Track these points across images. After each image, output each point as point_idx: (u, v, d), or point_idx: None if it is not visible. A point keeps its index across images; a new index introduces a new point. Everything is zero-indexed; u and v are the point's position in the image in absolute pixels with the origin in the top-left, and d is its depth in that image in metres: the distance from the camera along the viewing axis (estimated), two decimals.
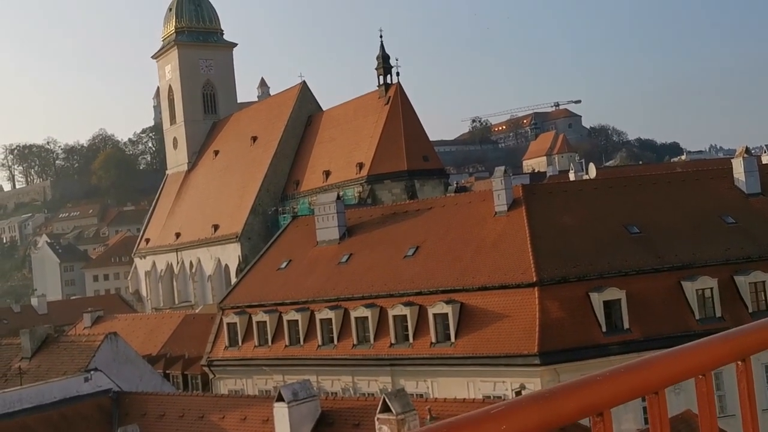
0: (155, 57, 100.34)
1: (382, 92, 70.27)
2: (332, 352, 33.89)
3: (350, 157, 69.87)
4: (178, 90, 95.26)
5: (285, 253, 41.23)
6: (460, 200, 38.30)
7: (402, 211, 39.20)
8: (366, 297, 33.79)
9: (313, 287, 36.74)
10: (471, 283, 31.06)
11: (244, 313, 37.79)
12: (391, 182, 66.09)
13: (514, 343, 28.64)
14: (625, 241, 31.49)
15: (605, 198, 34.30)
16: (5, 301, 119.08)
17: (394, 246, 36.26)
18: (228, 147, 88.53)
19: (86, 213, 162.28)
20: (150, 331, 48.92)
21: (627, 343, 28.24)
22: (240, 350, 37.34)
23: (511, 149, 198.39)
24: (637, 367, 1.51)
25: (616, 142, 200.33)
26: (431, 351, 30.72)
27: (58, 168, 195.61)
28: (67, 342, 30.42)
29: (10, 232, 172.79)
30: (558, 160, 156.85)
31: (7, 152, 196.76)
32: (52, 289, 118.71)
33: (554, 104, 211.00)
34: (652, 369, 1.53)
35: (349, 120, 73.20)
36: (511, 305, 29.62)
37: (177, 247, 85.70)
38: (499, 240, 32.40)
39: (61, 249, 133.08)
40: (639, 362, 1.51)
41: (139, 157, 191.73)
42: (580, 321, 28.67)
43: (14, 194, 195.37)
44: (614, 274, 29.76)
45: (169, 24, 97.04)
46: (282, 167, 77.38)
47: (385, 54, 69.87)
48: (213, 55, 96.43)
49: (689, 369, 1.62)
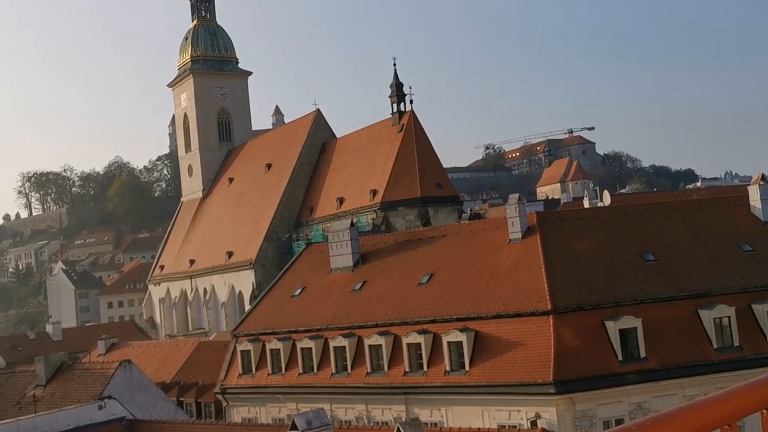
0: (171, 85, 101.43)
1: (395, 120, 70.58)
2: (346, 380, 33.71)
3: (364, 184, 70.07)
4: (194, 118, 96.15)
5: (299, 281, 41.22)
6: (475, 227, 38.21)
7: (416, 238, 39.16)
8: (380, 325, 33.66)
9: (326, 315, 36.66)
10: (485, 311, 30.88)
11: (258, 340, 37.72)
12: (405, 209, 66.15)
13: (529, 371, 28.39)
14: (640, 268, 31.27)
15: (620, 225, 34.15)
16: (20, 327, 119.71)
17: (408, 273, 36.17)
18: (242, 174, 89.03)
19: (101, 240, 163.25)
20: (164, 359, 48.89)
21: (644, 372, 27.94)
22: (254, 378, 37.22)
23: (525, 176, 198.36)
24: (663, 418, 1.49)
25: (630, 169, 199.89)
26: (445, 379, 30.50)
27: (74, 195, 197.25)
28: (81, 369, 30.45)
29: (26, 258, 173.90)
30: (572, 187, 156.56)
31: (24, 180, 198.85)
32: (67, 316, 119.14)
33: (568, 131, 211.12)
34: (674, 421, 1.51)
35: (363, 147, 73.51)
36: (526, 333, 29.41)
37: (191, 274, 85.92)
38: (513, 268, 32.26)
39: (77, 276, 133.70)
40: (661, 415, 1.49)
41: (155, 184, 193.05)
42: (595, 349, 28.40)
43: (31, 221, 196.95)
44: (630, 302, 29.51)
45: (185, 53, 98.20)
46: (296, 194, 77.68)
47: (398, 82, 70.30)
48: (228, 84, 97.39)
49: (714, 420, 1.59)
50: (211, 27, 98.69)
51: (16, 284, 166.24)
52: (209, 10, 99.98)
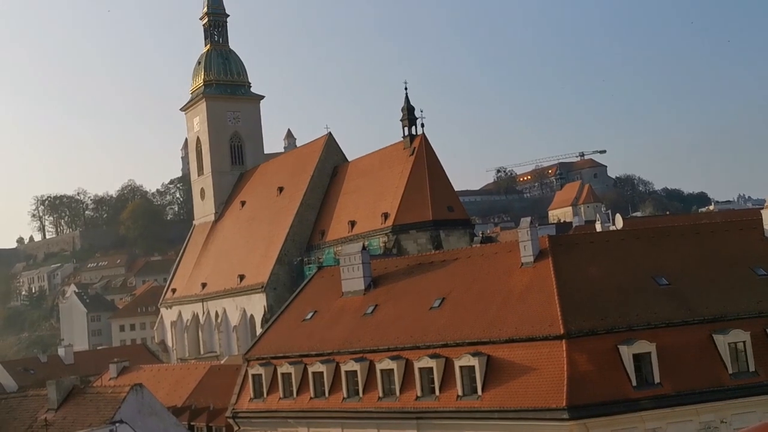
0: (184, 109, 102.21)
1: (407, 143, 70.75)
2: (357, 404, 33.53)
3: (375, 208, 70.11)
4: (206, 141, 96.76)
5: (310, 304, 41.17)
6: (486, 251, 38.11)
7: (428, 262, 39.10)
8: (391, 349, 33.54)
9: (338, 339, 36.56)
10: (498, 336, 30.73)
11: (270, 364, 37.64)
12: (417, 232, 66.07)
13: (542, 396, 28.17)
14: (654, 292, 31.08)
15: (633, 249, 34.00)
16: (33, 350, 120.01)
17: (419, 297, 36.09)
18: (254, 197, 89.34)
19: (114, 263, 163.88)
20: (175, 382, 48.81)
21: (658, 397, 27.67)
22: (265, 402, 37.10)
23: (537, 199, 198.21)
24: None
25: (642, 192, 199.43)
26: (458, 404, 30.30)
27: (87, 218, 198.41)
28: (92, 393, 30.41)
29: (39, 281, 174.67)
30: (584, 210, 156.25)
31: (38, 203, 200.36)
32: (79, 339, 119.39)
33: (579, 154, 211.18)
34: None
35: (375, 170, 73.66)
36: (539, 358, 29.22)
37: (203, 297, 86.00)
38: (526, 292, 32.13)
39: (89, 299, 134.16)
40: None
41: (167, 207, 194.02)
42: (609, 374, 28.16)
43: (44, 244, 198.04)
44: (643, 326, 29.30)
45: (197, 77, 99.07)
46: (308, 217, 77.80)
47: (410, 105, 70.52)
48: (240, 108, 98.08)
49: None
50: (223, 51, 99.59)
51: (29, 307, 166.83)
52: (222, 35, 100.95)
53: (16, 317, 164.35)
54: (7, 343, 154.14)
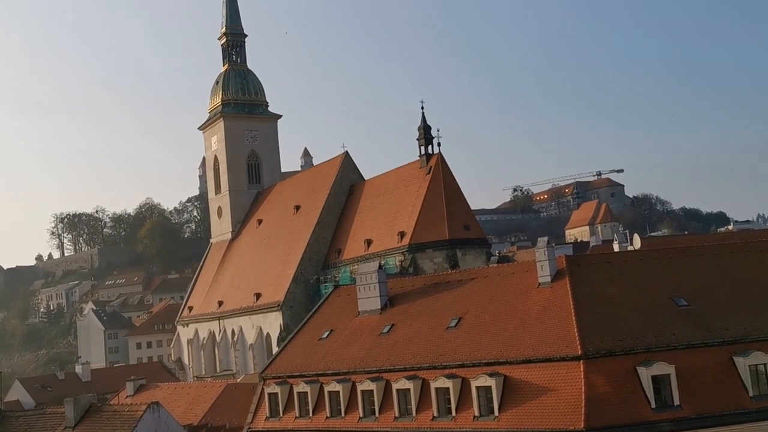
0: (202, 128, 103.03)
1: (423, 162, 70.85)
2: (373, 424, 33.36)
3: (392, 226, 70.13)
4: (224, 160, 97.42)
5: (326, 323, 41.13)
6: (503, 271, 37.94)
7: (444, 281, 38.98)
8: (408, 369, 33.39)
9: (354, 358, 36.47)
10: (515, 356, 30.54)
11: (285, 383, 37.58)
12: (433, 251, 65.97)
13: (559, 418, 27.91)
14: (672, 313, 30.80)
15: (651, 269, 33.73)
16: (50, 367, 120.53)
17: (436, 317, 35.96)
18: (271, 216, 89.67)
19: (131, 281, 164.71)
20: (192, 400, 48.86)
21: (678, 420, 27.32)
22: (281, 421, 36.99)
23: (553, 218, 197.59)
24: None
25: (660, 211, 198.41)
26: (474, 425, 30.08)
27: (105, 236, 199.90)
28: (109, 412, 30.54)
29: (57, 299, 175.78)
30: (601, 230, 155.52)
31: (57, 221, 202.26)
32: (96, 356, 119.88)
33: (596, 173, 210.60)
34: None
35: (391, 189, 73.76)
36: (556, 379, 28.99)
37: (219, 315, 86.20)
38: (543, 312, 31.94)
39: (106, 316, 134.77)
40: None
41: (184, 225, 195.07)
42: (627, 396, 27.87)
43: (63, 262, 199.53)
44: (662, 347, 29.01)
45: (215, 96, 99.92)
46: (324, 236, 77.94)
47: (426, 125, 70.69)
48: (258, 127, 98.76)
49: None
50: (241, 71, 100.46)
51: (47, 324, 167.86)
52: (240, 55, 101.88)
53: (35, 334, 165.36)
54: (25, 359, 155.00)
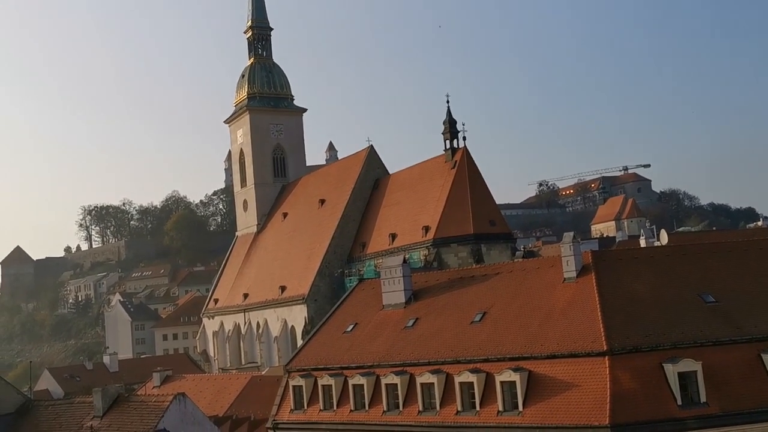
0: (228, 122, 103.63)
1: (448, 156, 70.69)
2: (397, 418, 33.43)
3: (416, 221, 70.10)
4: (249, 154, 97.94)
5: (351, 316, 41.25)
6: (528, 266, 37.76)
7: (469, 276, 38.90)
8: (432, 363, 33.41)
9: (378, 351, 36.55)
10: (539, 351, 30.43)
11: (310, 376, 37.77)
12: (458, 246, 65.89)
13: (584, 413, 27.79)
14: (700, 310, 30.49)
15: (678, 265, 33.39)
16: (79, 358, 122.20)
17: (460, 311, 35.92)
18: (296, 209, 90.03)
19: (158, 273, 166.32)
20: (217, 392, 49.26)
21: (704, 418, 27.06)
22: (305, 413, 37.20)
23: (579, 213, 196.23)
24: None
25: (688, 207, 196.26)
26: (498, 420, 30.02)
27: (132, 228, 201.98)
28: (137, 402, 30.85)
29: (85, 290, 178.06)
30: (627, 225, 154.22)
31: (85, 213, 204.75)
32: (123, 347, 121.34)
33: (623, 168, 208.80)
34: None
35: (416, 183, 73.71)
36: (581, 374, 28.85)
37: (245, 307, 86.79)
38: (568, 307, 31.79)
39: (133, 308, 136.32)
40: None
41: (210, 218, 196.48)
42: (653, 393, 27.66)
43: (90, 253, 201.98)
44: (689, 344, 28.72)
45: (241, 90, 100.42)
46: (349, 230, 78.13)
47: (451, 119, 70.51)
48: (283, 120, 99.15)
49: None
50: (267, 65, 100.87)
51: (76, 315, 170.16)
52: (266, 49, 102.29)
53: (63, 325, 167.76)
54: (54, 349, 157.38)
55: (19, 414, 32.35)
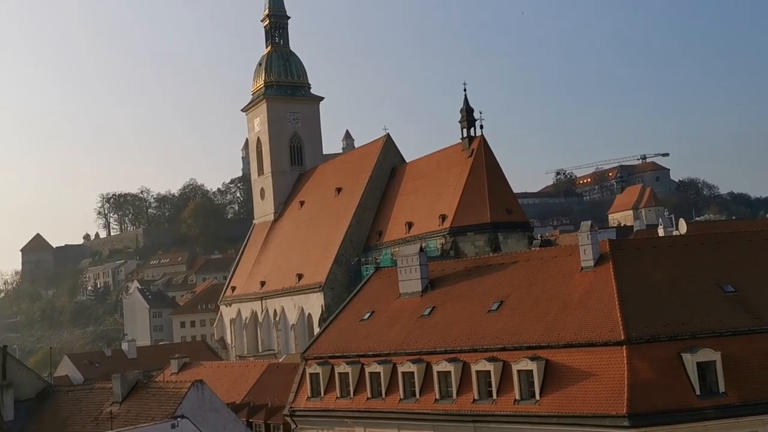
0: (245, 110, 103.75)
1: (465, 145, 70.40)
2: (414, 406, 33.55)
3: (433, 209, 69.97)
4: (266, 142, 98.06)
5: (368, 305, 41.34)
6: (545, 254, 37.66)
7: (485, 265, 38.84)
8: (449, 351, 33.46)
9: (395, 340, 36.63)
10: (556, 340, 30.40)
11: (327, 363, 37.92)
12: (474, 234, 65.70)
13: (601, 403, 27.75)
14: (719, 300, 30.30)
15: (697, 254, 33.17)
16: (98, 344, 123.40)
17: (477, 300, 35.90)
18: (313, 198, 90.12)
19: (175, 260, 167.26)
20: (234, 379, 49.54)
21: (723, 408, 26.95)
22: (322, 401, 37.39)
23: (596, 202, 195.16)
24: None
25: (707, 196, 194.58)
26: (515, 408, 30.05)
27: (150, 216, 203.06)
28: (155, 388, 31.10)
29: (104, 277, 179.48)
30: (645, 214, 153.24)
31: (103, 201, 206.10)
32: (141, 334, 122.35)
33: (641, 157, 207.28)
34: None
35: (433, 172, 73.51)
36: (598, 364, 28.80)
37: (262, 295, 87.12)
38: (585, 296, 31.69)
39: (151, 295, 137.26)
40: None
41: (227, 206, 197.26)
42: (671, 383, 27.54)
43: (109, 241, 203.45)
44: (708, 334, 28.58)
45: (258, 78, 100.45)
46: (365, 218, 78.11)
47: (468, 107, 70.16)
48: (300, 109, 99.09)
49: None
50: (284, 53, 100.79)
51: (94, 302, 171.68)
52: (283, 37, 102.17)
53: (83, 311, 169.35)
54: (74, 336, 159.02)
55: (40, 399, 32.72)
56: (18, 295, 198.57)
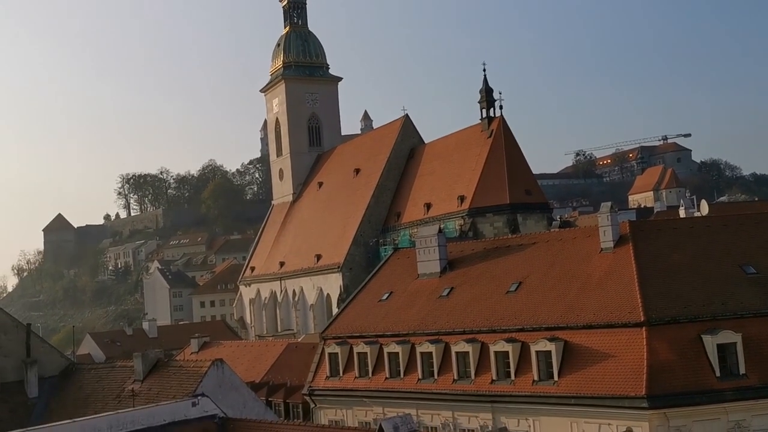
0: (263, 91, 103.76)
1: (484, 125, 70.07)
2: (432, 386, 33.68)
3: (452, 190, 69.83)
4: (285, 123, 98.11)
5: (386, 285, 41.42)
6: (565, 236, 37.51)
7: (504, 246, 38.75)
8: (467, 332, 33.50)
9: (413, 320, 36.72)
10: (575, 321, 30.33)
11: (346, 343, 38.11)
12: (493, 216, 65.56)
13: (620, 384, 27.70)
14: (740, 281, 30.06)
15: (719, 236, 32.87)
16: (119, 323, 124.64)
17: (496, 281, 35.87)
18: (331, 179, 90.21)
19: (195, 241, 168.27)
20: (254, 359, 49.95)
21: (743, 389, 26.84)
22: (341, 380, 37.62)
23: (616, 184, 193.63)
24: None
25: (729, 177, 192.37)
26: (533, 389, 30.09)
27: (169, 197, 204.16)
28: (176, 367, 31.31)
29: (124, 257, 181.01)
30: (665, 196, 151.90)
31: (123, 181, 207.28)
32: (161, 314, 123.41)
33: (662, 138, 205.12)
34: None
35: (451, 153, 73.29)
36: (618, 345, 28.73)
37: (281, 275, 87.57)
38: (605, 277, 31.55)
39: (171, 275, 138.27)
40: None
41: (246, 187, 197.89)
42: (691, 364, 27.44)
43: (129, 221, 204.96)
44: (729, 316, 28.40)
45: (277, 59, 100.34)
46: (384, 199, 78.14)
47: (488, 87, 69.77)
48: (318, 89, 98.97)
49: None
50: (302, 33, 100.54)
51: (115, 282, 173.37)
52: (301, 17, 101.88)
53: (104, 291, 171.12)
54: (95, 315, 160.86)
55: (63, 376, 33.12)
56: (41, 274, 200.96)
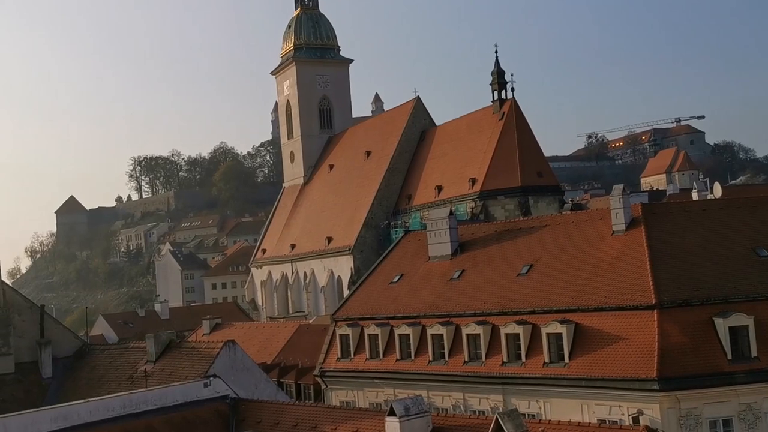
0: (274, 73, 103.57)
1: (496, 108, 69.79)
2: (443, 368, 33.78)
3: (463, 173, 69.68)
4: (296, 105, 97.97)
5: (397, 267, 41.48)
6: (576, 218, 37.40)
7: (516, 228, 38.70)
8: (478, 314, 33.53)
9: (424, 302, 36.79)
10: (587, 303, 30.30)
11: (357, 325, 38.25)
12: (505, 198, 65.46)
13: (631, 366, 27.70)
14: (753, 264, 29.92)
15: (732, 219, 32.69)
16: (131, 305, 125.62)
17: (507, 263, 35.85)
18: (342, 161, 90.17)
19: (206, 223, 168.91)
20: (265, 340, 50.16)
21: (755, 372, 26.79)
22: (352, 362, 37.79)
23: (629, 166, 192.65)
24: None
25: (743, 159, 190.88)
26: (544, 371, 30.13)
27: (181, 179, 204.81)
28: (188, 348, 31.51)
29: (136, 239, 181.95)
30: (678, 178, 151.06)
31: (135, 164, 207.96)
32: (173, 295, 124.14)
33: (675, 120, 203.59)
34: None
35: (463, 135, 73.07)
36: (629, 327, 28.70)
37: (292, 258, 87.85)
38: (616, 260, 31.47)
39: (183, 257, 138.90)
40: None
41: (257, 170, 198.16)
42: (703, 347, 27.39)
43: (141, 203, 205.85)
44: (741, 298, 28.31)
45: (288, 41, 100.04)
46: (395, 182, 78.10)
47: (500, 69, 69.42)
48: (329, 71, 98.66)
49: None
50: (313, 15, 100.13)
51: (127, 264, 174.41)
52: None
53: (116, 273, 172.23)
54: (108, 296, 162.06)
55: (76, 357, 33.47)
56: (53, 256, 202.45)
